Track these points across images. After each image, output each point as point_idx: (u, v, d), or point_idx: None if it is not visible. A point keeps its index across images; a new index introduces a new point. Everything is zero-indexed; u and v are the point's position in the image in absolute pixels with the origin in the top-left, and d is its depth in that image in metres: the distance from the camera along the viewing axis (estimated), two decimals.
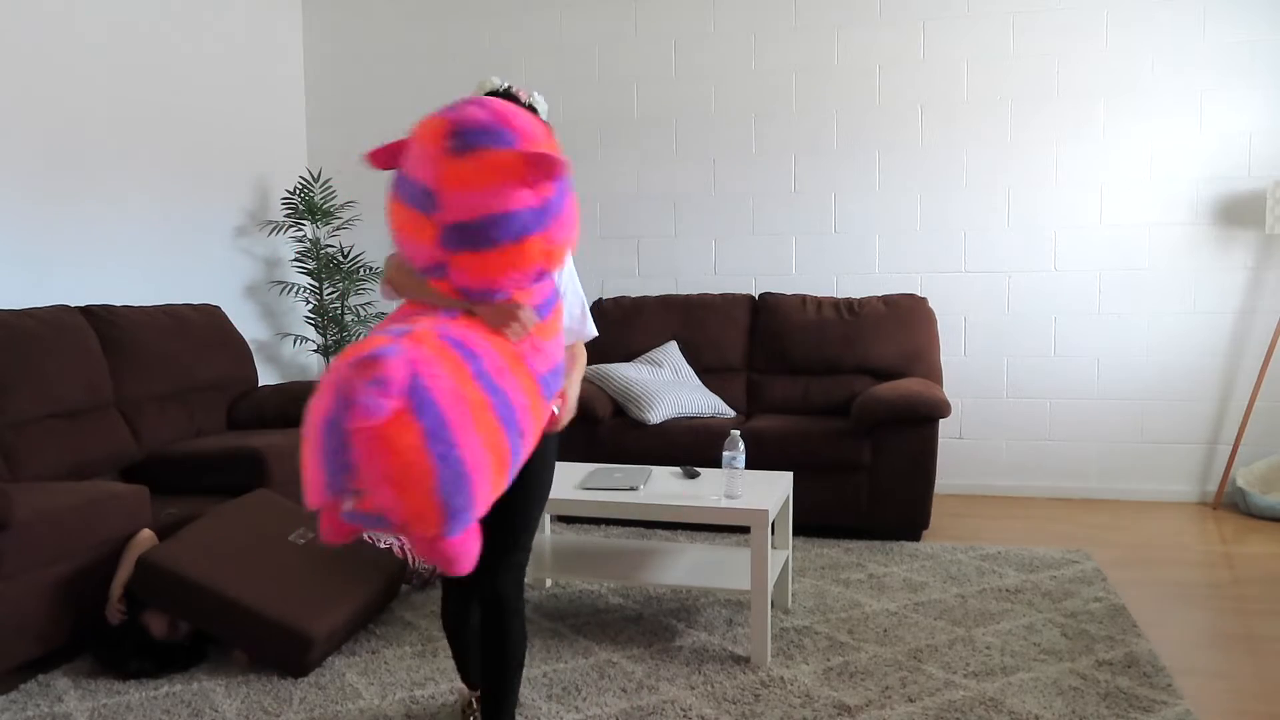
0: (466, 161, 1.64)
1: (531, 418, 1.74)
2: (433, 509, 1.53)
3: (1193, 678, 2.70)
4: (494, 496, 1.66)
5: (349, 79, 5.62)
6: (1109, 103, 4.70)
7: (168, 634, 2.81)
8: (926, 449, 4.04)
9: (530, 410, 1.73)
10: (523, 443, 1.72)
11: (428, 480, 1.51)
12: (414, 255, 1.76)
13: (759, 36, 5.08)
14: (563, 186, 1.75)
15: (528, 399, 1.73)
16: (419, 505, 1.53)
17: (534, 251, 1.72)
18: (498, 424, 1.62)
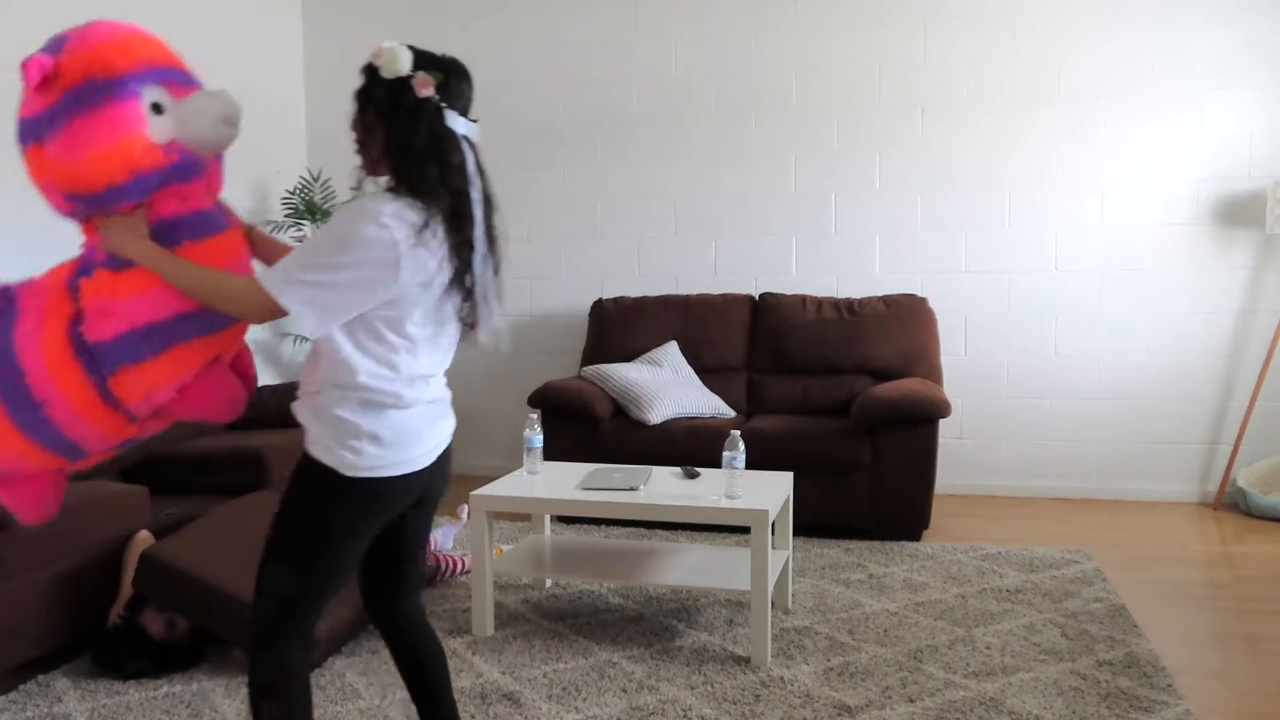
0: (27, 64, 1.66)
1: (53, 386, 1.63)
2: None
3: (1193, 678, 2.70)
4: (10, 455, 1.67)
5: (349, 79, 5.59)
6: (1109, 103, 4.70)
7: (165, 634, 2.81)
8: (926, 449, 4.03)
9: (51, 378, 1.63)
10: (46, 412, 1.64)
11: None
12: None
13: (759, 36, 5.08)
14: (74, 100, 1.62)
15: (47, 365, 1.63)
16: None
17: (39, 163, 1.68)
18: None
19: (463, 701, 2.59)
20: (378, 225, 1.63)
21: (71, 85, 1.61)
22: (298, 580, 1.76)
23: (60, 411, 1.65)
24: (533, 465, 3.33)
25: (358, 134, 1.79)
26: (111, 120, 1.62)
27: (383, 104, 1.73)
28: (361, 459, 1.71)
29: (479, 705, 2.57)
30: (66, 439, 1.68)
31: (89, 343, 1.65)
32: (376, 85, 1.74)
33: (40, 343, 1.64)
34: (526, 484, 3.22)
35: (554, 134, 5.34)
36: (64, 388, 1.64)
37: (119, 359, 1.65)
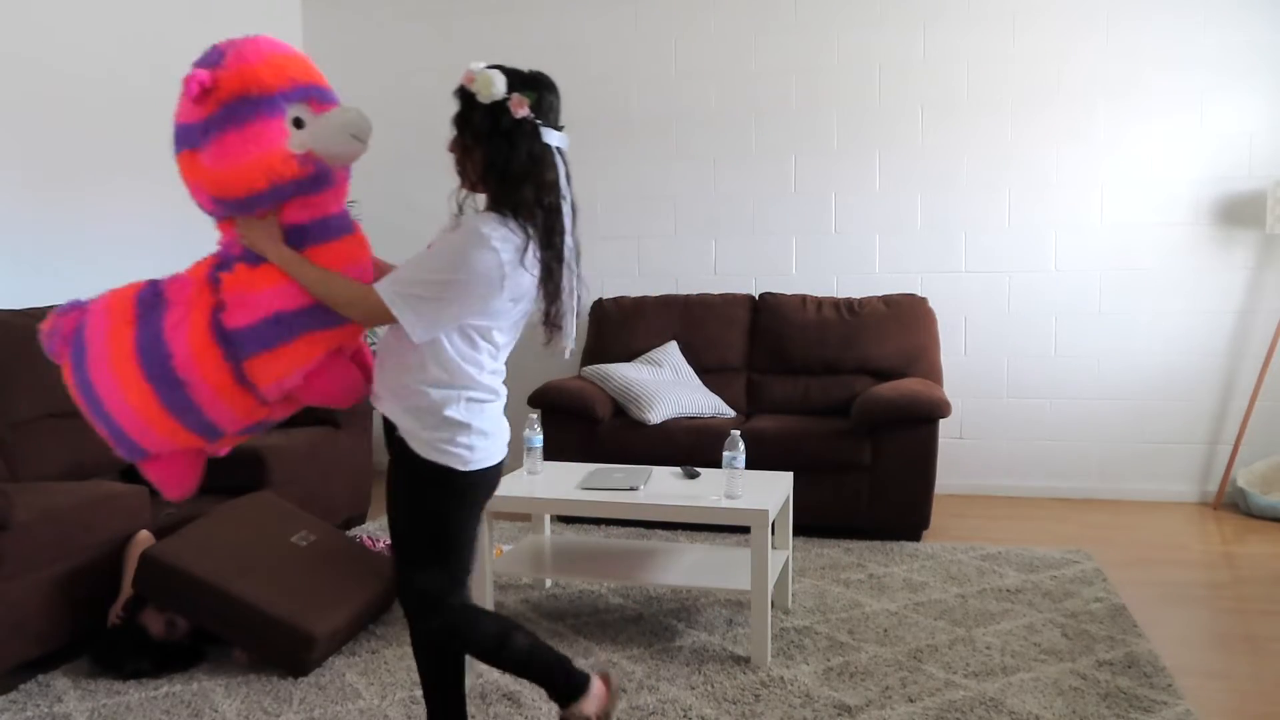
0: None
1: (195, 369, 1.81)
2: (100, 430, 1.90)
3: (1193, 678, 2.70)
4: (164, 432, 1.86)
5: (349, 79, 5.60)
6: (1109, 103, 4.70)
7: (165, 634, 2.81)
8: (926, 449, 4.04)
9: (194, 362, 1.80)
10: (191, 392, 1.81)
11: (85, 406, 1.89)
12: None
13: (759, 36, 5.08)
14: (230, 113, 1.77)
15: (192, 350, 1.81)
16: (94, 425, 1.90)
17: (191, 168, 1.84)
18: (136, 363, 1.81)
19: None
20: (488, 248, 1.78)
21: (227, 99, 1.77)
22: (445, 573, 1.96)
23: (201, 392, 1.81)
24: (533, 465, 3.34)
25: (456, 155, 1.91)
26: (259, 134, 1.79)
27: (481, 128, 1.84)
28: (474, 453, 1.90)
29: (479, 705, 2.57)
30: (206, 419, 1.85)
31: (228, 329, 1.81)
32: (473, 110, 1.85)
33: (186, 329, 1.81)
34: (526, 484, 3.22)
35: None
36: (205, 370, 1.80)
37: (254, 345, 1.81)
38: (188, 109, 1.81)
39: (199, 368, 1.80)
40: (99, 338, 1.85)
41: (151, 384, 1.81)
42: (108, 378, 1.83)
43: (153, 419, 1.83)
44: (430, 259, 1.83)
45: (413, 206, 5.52)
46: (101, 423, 1.88)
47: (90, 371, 1.84)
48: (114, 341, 1.83)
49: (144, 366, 1.81)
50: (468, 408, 1.88)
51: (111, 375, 1.82)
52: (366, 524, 4.42)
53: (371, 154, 2.38)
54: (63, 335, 1.91)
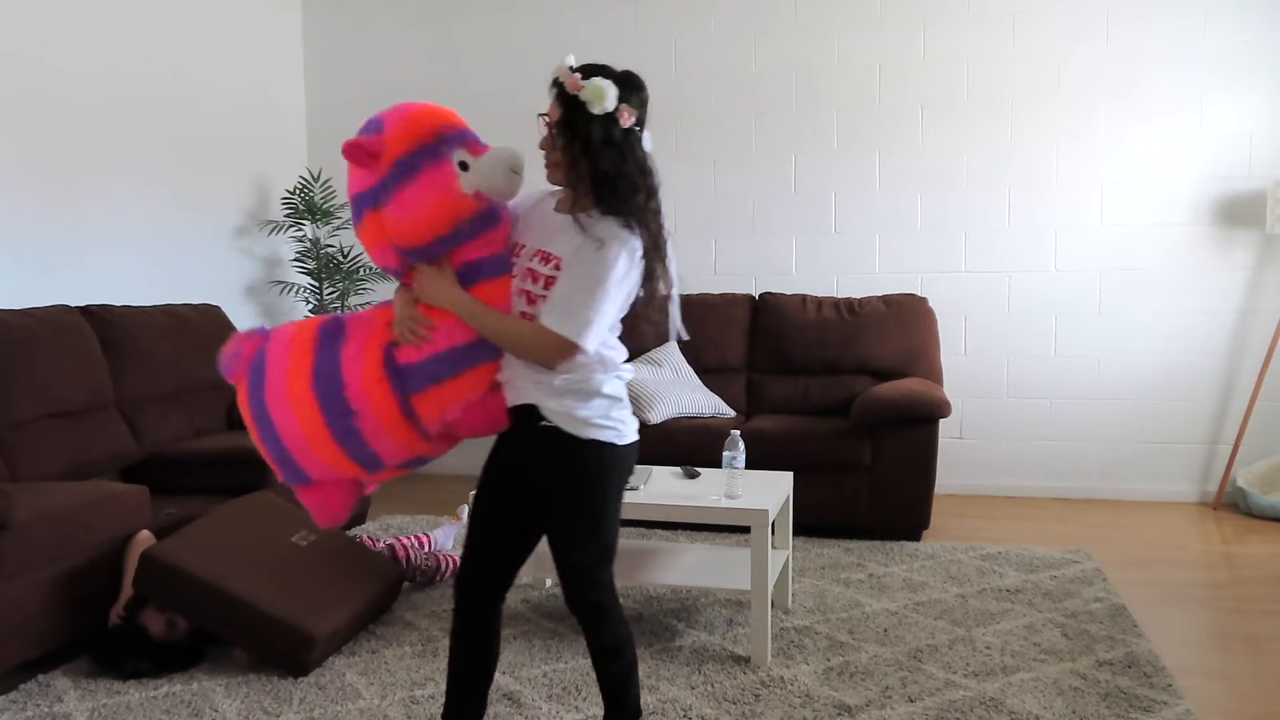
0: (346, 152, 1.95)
1: (366, 399, 1.89)
2: (266, 453, 1.96)
3: (1193, 678, 2.70)
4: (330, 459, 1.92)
5: (349, 79, 5.62)
6: (1109, 103, 4.70)
7: (165, 634, 2.81)
8: (926, 449, 4.04)
9: (366, 391, 1.89)
10: (357, 423, 1.89)
11: (254, 429, 1.95)
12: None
13: (759, 36, 5.08)
14: (404, 168, 1.88)
15: (363, 381, 1.89)
16: (262, 448, 1.96)
17: (374, 227, 1.93)
18: (311, 391, 1.89)
19: None
20: (628, 258, 1.88)
21: (399, 156, 1.87)
22: (610, 562, 2.07)
23: (369, 423, 1.89)
24: None
25: (557, 159, 1.93)
26: (433, 181, 1.88)
27: (594, 140, 1.87)
28: (627, 426, 2.05)
29: None
30: (370, 450, 1.92)
31: (400, 364, 1.90)
32: (583, 119, 1.87)
33: (361, 362, 1.90)
34: None
35: None
36: (375, 401, 1.89)
37: (423, 380, 1.90)
38: (360, 177, 1.93)
39: (370, 399, 1.88)
40: (279, 364, 1.93)
41: (324, 412, 1.89)
42: (283, 402, 1.90)
43: (320, 445, 1.91)
44: (582, 279, 1.88)
45: None
46: (270, 445, 1.94)
47: (266, 395, 1.92)
48: (293, 368, 1.91)
49: (318, 394, 1.89)
50: (619, 385, 2.02)
51: (286, 400, 1.90)
52: (366, 524, 4.42)
53: None
54: (244, 358, 1.98)
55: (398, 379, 1.89)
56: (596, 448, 1.98)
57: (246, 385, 1.96)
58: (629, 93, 1.89)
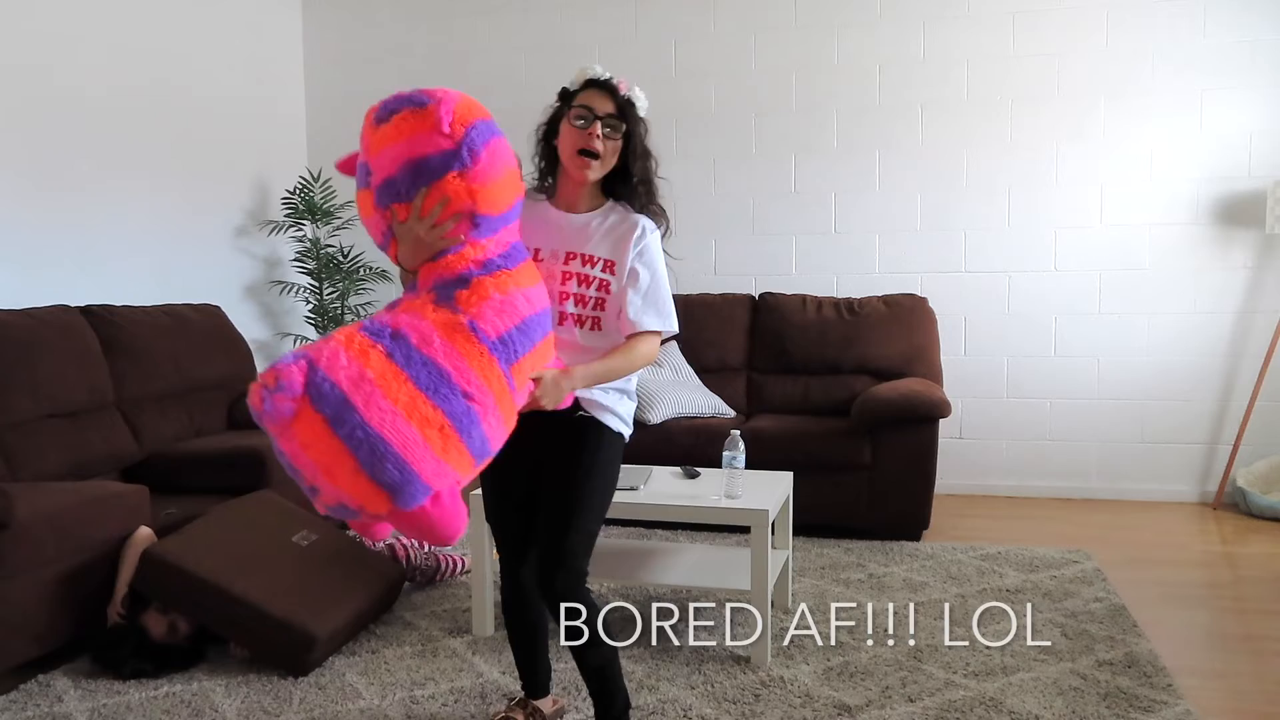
0: (386, 126, 1.85)
1: (478, 379, 1.74)
2: (368, 487, 1.63)
3: (1193, 678, 2.70)
4: (456, 462, 1.71)
5: (349, 79, 5.61)
6: (1109, 103, 4.70)
7: (167, 636, 2.81)
8: (926, 449, 4.04)
9: (476, 372, 1.75)
10: (474, 404, 1.72)
11: (347, 461, 1.61)
12: (371, 233, 1.95)
13: (759, 36, 5.08)
14: (482, 129, 1.86)
15: (467, 361, 1.75)
16: (355, 487, 1.63)
17: (456, 190, 1.81)
18: (418, 392, 1.67)
19: (463, 701, 2.60)
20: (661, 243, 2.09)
21: (471, 122, 1.84)
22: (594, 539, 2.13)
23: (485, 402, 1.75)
24: None
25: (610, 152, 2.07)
26: (506, 148, 1.92)
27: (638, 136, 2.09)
28: (631, 417, 2.18)
29: (479, 705, 2.57)
30: (483, 432, 1.75)
31: (497, 337, 1.81)
32: (637, 118, 2.10)
33: (456, 346, 1.76)
34: None
35: None
36: (486, 377, 1.76)
37: (523, 345, 1.85)
38: (434, 140, 1.81)
39: (482, 377, 1.76)
40: (361, 379, 1.66)
41: (439, 404, 1.69)
42: (389, 414, 1.64)
43: (446, 444, 1.69)
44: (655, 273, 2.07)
45: None
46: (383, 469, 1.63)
47: (365, 415, 1.62)
48: (380, 375, 1.67)
49: (426, 390, 1.69)
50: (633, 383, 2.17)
51: (393, 409, 1.64)
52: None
53: None
54: (293, 391, 1.65)
55: (501, 350, 1.80)
56: (617, 439, 2.12)
57: (325, 416, 1.63)
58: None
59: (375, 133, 1.87)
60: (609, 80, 2.06)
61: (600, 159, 2.04)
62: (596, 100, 2.04)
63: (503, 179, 1.89)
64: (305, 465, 1.66)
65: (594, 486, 2.09)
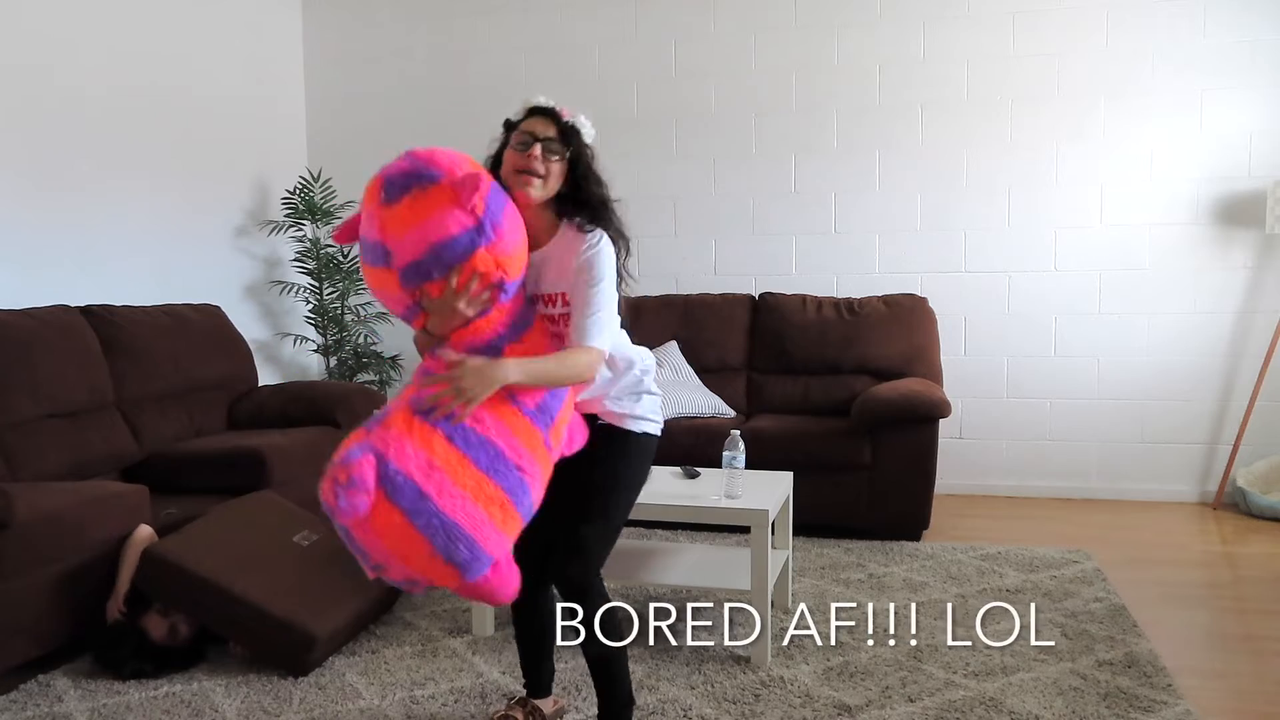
0: (399, 207, 1.84)
1: (526, 450, 1.89)
2: (440, 567, 1.78)
3: (1193, 678, 2.70)
4: (511, 530, 1.87)
5: (349, 79, 5.62)
6: (1109, 103, 4.70)
7: (167, 638, 2.81)
8: (926, 449, 4.04)
9: (523, 444, 1.90)
10: (525, 475, 1.88)
11: (423, 548, 1.75)
12: (392, 307, 2.00)
13: (759, 36, 5.08)
14: (496, 199, 1.90)
15: (516, 435, 1.89)
16: (428, 567, 1.78)
17: (486, 264, 1.88)
18: (481, 474, 1.82)
19: (463, 701, 2.60)
20: (610, 260, 2.05)
21: (486, 192, 1.86)
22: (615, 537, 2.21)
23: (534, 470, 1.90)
24: None
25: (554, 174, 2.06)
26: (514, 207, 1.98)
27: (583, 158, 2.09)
28: (660, 418, 2.26)
29: (479, 705, 2.57)
30: (531, 498, 1.91)
31: (535, 405, 1.94)
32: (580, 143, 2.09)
33: (498, 418, 1.87)
34: None
35: None
36: (531, 446, 1.91)
37: (554, 411, 1.98)
38: (456, 219, 1.84)
39: (527, 448, 1.90)
40: (426, 463, 1.77)
41: (499, 481, 1.83)
42: (459, 499, 1.77)
43: (506, 518, 1.84)
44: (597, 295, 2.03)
45: None
46: (456, 549, 1.76)
47: (437, 500, 1.75)
48: (445, 461, 1.79)
49: (487, 470, 1.82)
50: (652, 378, 2.23)
51: (461, 494, 1.77)
52: None
53: (372, 153, 2.40)
54: (365, 485, 1.73)
55: (541, 418, 1.94)
56: (643, 438, 2.20)
57: (403, 509, 1.73)
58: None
59: (387, 212, 1.85)
60: (551, 107, 2.09)
61: (543, 179, 2.04)
62: (538, 126, 2.06)
63: (520, 240, 1.97)
64: (377, 550, 1.77)
65: (611, 480, 2.17)
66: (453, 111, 5.47)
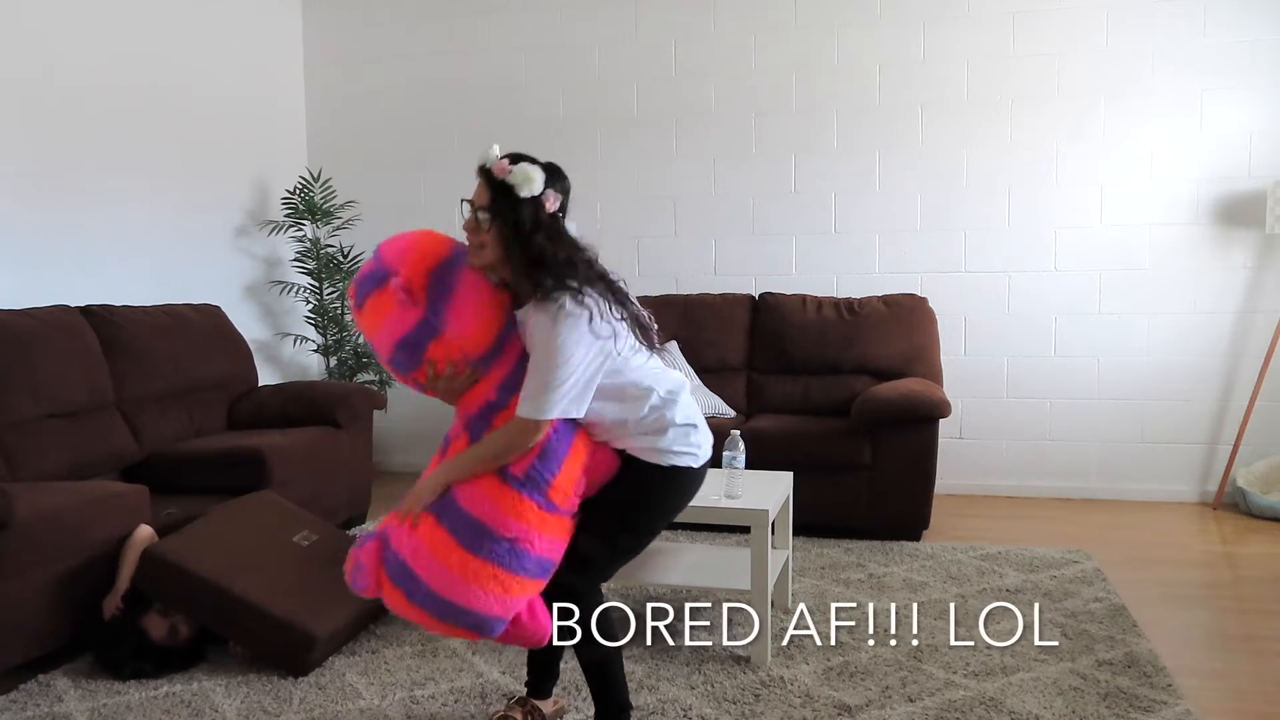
0: (365, 311, 2.02)
1: (514, 520, 1.96)
2: (453, 630, 1.99)
3: (1193, 678, 2.70)
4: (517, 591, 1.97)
5: (349, 78, 5.62)
6: (1109, 103, 4.70)
7: (167, 638, 2.81)
8: (926, 449, 4.04)
9: (509, 514, 1.96)
10: (518, 543, 1.95)
11: (428, 619, 1.97)
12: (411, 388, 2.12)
13: (759, 36, 5.08)
14: (437, 287, 1.96)
15: (500, 507, 1.96)
16: (447, 631, 2.00)
17: (444, 353, 1.98)
18: (465, 552, 1.94)
19: (463, 701, 2.60)
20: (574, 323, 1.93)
21: (426, 283, 1.95)
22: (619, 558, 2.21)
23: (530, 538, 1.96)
24: None
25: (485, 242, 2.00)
26: (469, 284, 1.99)
27: (522, 220, 1.96)
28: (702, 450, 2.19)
29: (479, 705, 2.57)
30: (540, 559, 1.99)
31: (523, 474, 1.98)
32: (513, 203, 1.96)
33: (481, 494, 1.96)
34: None
35: (554, 133, 5.34)
36: (523, 516, 1.96)
37: (552, 468, 2.00)
38: (404, 316, 1.96)
39: (513, 517, 1.95)
40: (412, 547, 1.97)
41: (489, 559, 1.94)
42: (441, 575, 1.94)
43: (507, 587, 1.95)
44: (536, 361, 1.97)
45: (411, 204, 5.52)
46: (458, 620, 1.96)
47: (426, 580, 1.94)
48: (429, 540, 1.96)
49: (471, 548, 1.94)
50: (686, 410, 2.11)
51: (445, 569, 1.93)
52: (367, 524, 4.42)
53: (372, 153, 2.39)
54: (366, 568, 2.01)
55: (529, 487, 1.97)
56: (672, 471, 2.11)
57: (402, 590, 1.97)
58: (553, 180, 2.00)
59: (360, 316, 2.04)
60: (486, 166, 1.99)
61: (481, 247, 2.00)
62: (477, 190, 2.01)
63: (478, 319, 1.99)
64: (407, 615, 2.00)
65: (613, 505, 2.12)
66: (453, 111, 5.47)
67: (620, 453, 2.13)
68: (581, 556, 2.10)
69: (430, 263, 1.97)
